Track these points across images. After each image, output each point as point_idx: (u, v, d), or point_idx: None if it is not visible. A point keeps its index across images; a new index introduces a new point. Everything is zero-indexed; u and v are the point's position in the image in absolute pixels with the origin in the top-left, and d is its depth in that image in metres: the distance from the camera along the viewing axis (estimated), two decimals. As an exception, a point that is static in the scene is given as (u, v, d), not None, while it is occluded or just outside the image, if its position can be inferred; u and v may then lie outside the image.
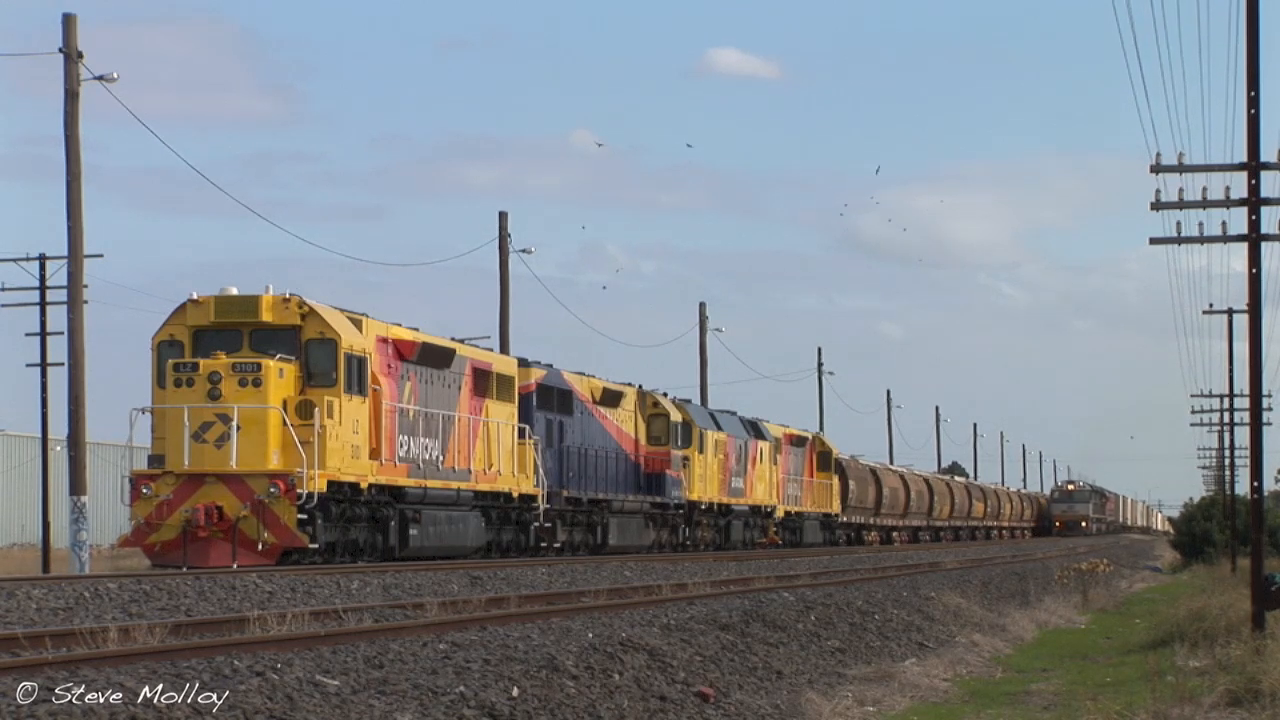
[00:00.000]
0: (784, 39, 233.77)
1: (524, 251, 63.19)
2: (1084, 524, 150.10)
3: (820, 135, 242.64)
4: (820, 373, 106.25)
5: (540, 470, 46.10)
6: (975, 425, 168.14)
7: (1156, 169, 27.84)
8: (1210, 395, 70.20)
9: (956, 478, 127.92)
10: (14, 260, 53.55)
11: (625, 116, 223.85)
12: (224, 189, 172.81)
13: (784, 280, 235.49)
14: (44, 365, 53.84)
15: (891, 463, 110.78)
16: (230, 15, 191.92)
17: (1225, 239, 28.20)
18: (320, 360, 35.54)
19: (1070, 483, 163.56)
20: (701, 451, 59.76)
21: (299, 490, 33.90)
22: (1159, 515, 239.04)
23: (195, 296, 35.92)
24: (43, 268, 53.64)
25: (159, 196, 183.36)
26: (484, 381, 43.05)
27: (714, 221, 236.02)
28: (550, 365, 49.36)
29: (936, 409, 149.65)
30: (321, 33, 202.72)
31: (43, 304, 53.93)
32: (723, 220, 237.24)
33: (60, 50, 41.26)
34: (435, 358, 40.21)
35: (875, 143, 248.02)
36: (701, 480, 59.82)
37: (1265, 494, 29.87)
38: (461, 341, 43.54)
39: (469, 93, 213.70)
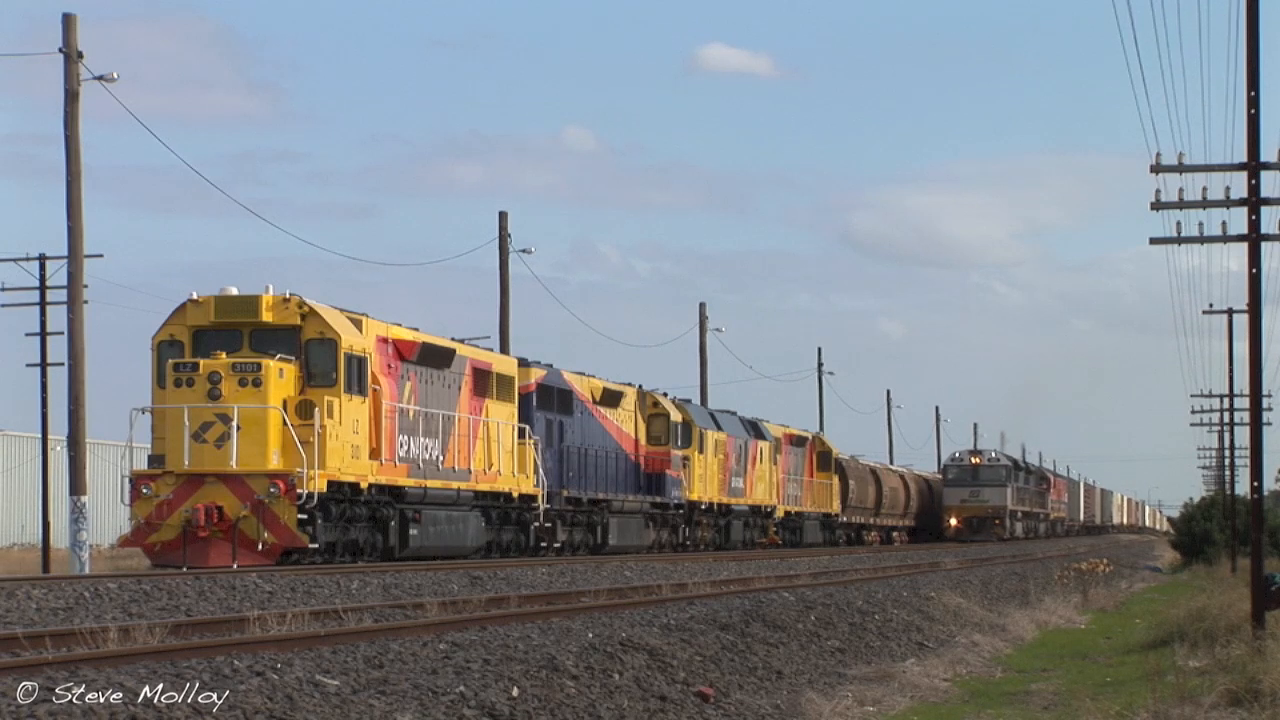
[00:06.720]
0: (779, 36, 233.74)
1: (524, 251, 63.23)
2: (998, 521, 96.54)
3: (815, 134, 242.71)
4: (820, 373, 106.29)
5: (540, 470, 46.11)
6: (975, 425, 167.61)
7: (1156, 169, 27.82)
8: (1210, 395, 70.23)
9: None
10: (14, 260, 53.53)
11: (618, 114, 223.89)
12: (224, 190, 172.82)
13: (780, 280, 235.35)
14: (44, 365, 53.80)
15: (891, 463, 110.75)
16: (211, 12, 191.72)
17: (1225, 239, 28.18)
18: (320, 360, 35.55)
19: (975, 452, 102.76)
20: (701, 451, 59.77)
21: (299, 490, 33.92)
22: (1149, 510, 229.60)
23: (195, 296, 35.94)
24: (43, 268, 53.61)
25: (149, 195, 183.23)
26: (484, 381, 43.05)
27: (708, 220, 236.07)
28: (550, 365, 49.37)
29: (936, 409, 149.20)
30: (306, 31, 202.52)
31: (43, 304, 53.88)
32: (717, 219, 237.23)
33: (60, 50, 41.26)
34: (435, 358, 40.21)
35: (871, 141, 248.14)
36: (701, 480, 59.83)
37: (1265, 494, 29.86)
38: (461, 341, 43.55)
39: (459, 91, 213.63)
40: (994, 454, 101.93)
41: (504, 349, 57.93)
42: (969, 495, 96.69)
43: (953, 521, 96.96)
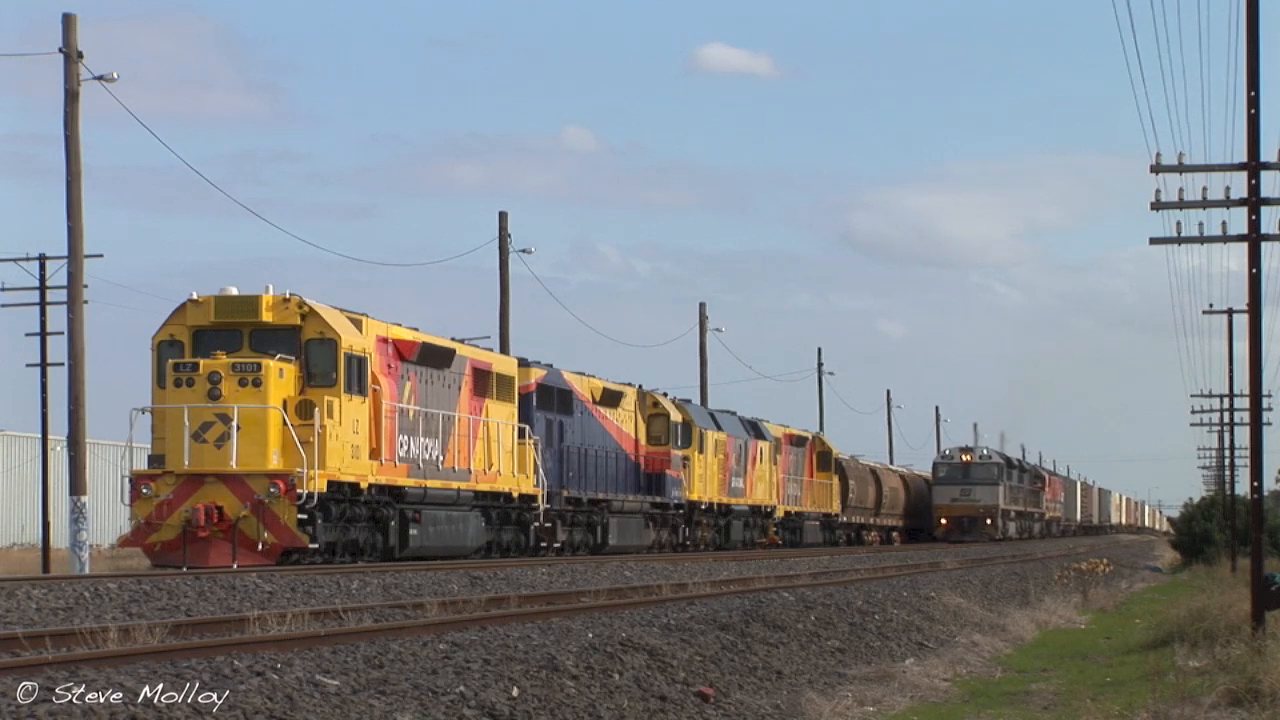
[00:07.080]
0: (779, 36, 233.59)
1: (524, 251, 63.23)
2: (989, 521, 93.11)
3: (815, 134, 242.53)
4: (820, 373, 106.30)
5: (540, 470, 46.11)
6: (975, 425, 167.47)
7: (1156, 169, 27.82)
8: (1210, 395, 70.26)
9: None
10: (14, 260, 53.52)
11: (618, 114, 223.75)
12: (224, 190, 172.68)
13: (780, 280, 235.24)
14: (44, 365, 53.79)
15: (891, 463, 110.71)
16: (211, 12, 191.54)
17: (1225, 239, 28.17)
18: (320, 360, 35.56)
19: (966, 449, 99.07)
20: (701, 451, 59.77)
21: (299, 490, 33.92)
22: (1149, 510, 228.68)
23: (195, 296, 35.95)
24: (43, 268, 53.59)
25: (149, 195, 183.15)
26: (484, 381, 43.05)
27: (708, 220, 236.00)
28: (550, 365, 49.37)
29: (936, 409, 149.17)
30: (306, 31, 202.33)
31: (43, 304, 53.86)
32: (717, 219, 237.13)
33: (60, 50, 41.27)
34: (435, 358, 40.21)
35: (871, 141, 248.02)
36: (701, 480, 59.83)
37: (1265, 494, 29.86)
38: (461, 341, 43.56)
39: (459, 91, 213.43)
40: (986, 451, 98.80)
41: (504, 349, 57.92)
42: (959, 494, 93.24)
43: (942, 522, 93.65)
